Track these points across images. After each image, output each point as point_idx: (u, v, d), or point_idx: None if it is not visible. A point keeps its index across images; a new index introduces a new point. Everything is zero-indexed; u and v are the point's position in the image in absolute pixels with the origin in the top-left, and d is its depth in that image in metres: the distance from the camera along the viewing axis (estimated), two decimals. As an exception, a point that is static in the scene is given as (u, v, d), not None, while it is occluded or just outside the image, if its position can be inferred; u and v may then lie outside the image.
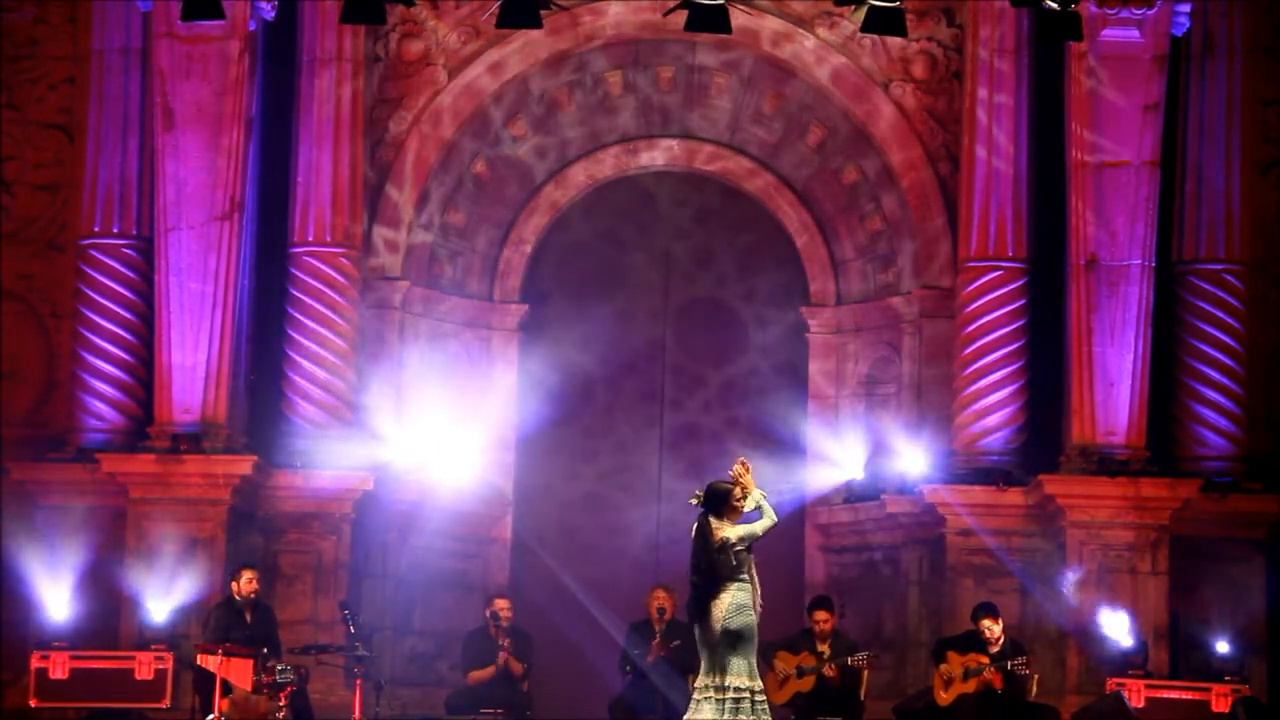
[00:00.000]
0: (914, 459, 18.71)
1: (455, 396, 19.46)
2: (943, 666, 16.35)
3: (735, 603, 12.91)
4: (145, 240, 18.50)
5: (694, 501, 13.10)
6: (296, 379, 18.59)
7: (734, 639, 12.90)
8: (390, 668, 18.18)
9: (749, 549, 12.98)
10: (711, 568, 12.89)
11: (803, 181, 19.96)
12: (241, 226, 18.20)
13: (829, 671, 16.45)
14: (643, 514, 19.75)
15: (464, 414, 19.35)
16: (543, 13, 16.26)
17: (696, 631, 13.02)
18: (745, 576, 12.97)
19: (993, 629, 16.20)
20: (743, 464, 13.12)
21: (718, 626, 12.88)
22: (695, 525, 13.05)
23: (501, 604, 17.38)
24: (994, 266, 18.51)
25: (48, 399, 18.83)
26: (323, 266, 18.63)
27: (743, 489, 13.00)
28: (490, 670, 17.10)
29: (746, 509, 13.02)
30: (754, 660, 13.05)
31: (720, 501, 12.99)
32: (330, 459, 18.34)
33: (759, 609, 13.08)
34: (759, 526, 12.98)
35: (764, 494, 13.08)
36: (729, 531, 12.93)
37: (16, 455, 18.36)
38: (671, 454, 19.83)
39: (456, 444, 19.06)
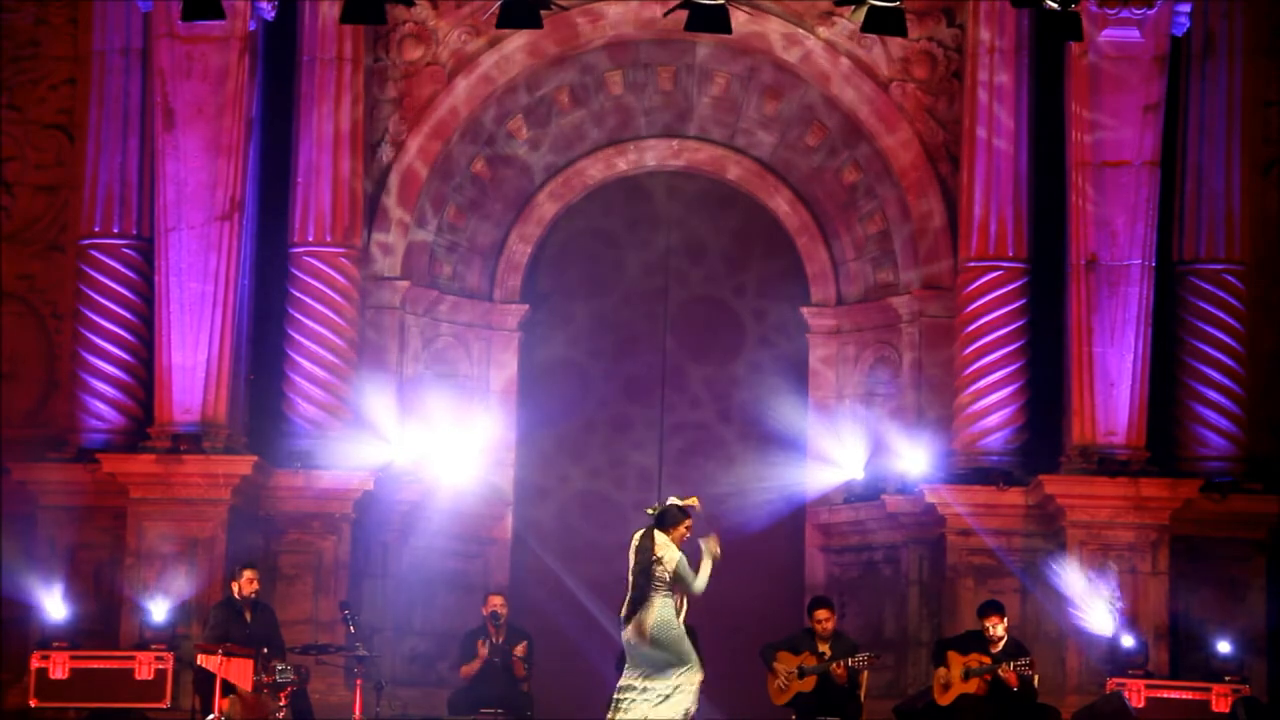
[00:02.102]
0: (914, 459, 18.72)
1: (455, 396, 19.48)
2: (944, 666, 16.34)
3: (664, 615, 13.51)
4: (145, 240, 18.51)
5: (650, 512, 13.71)
6: (296, 379, 18.60)
7: (659, 646, 13.52)
8: (390, 668, 18.16)
9: (673, 582, 13.54)
10: (646, 576, 13.50)
11: (803, 181, 19.96)
12: (241, 227, 18.20)
13: (838, 670, 16.40)
14: (642, 513, 19.67)
15: (464, 414, 19.36)
16: (543, 13, 16.27)
17: (630, 633, 13.58)
18: (670, 593, 13.57)
19: (997, 628, 16.17)
20: (696, 502, 13.74)
21: (646, 634, 13.50)
22: (641, 533, 13.60)
23: (496, 600, 17.37)
24: (994, 266, 18.51)
25: (48, 399, 18.84)
26: (323, 266, 18.64)
27: (688, 528, 13.60)
28: (475, 664, 17.08)
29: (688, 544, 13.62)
30: (675, 658, 13.56)
31: (672, 523, 13.61)
32: (330, 459, 18.36)
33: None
34: (690, 579, 13.53)
35: (715, 558, 13.59)
36: (669, 556, 13.51)
37: (17, 456, 18.36)
38: (671, 454, 19.83)
39: (456, 444, 19.07)
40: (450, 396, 19.44)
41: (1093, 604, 17.60)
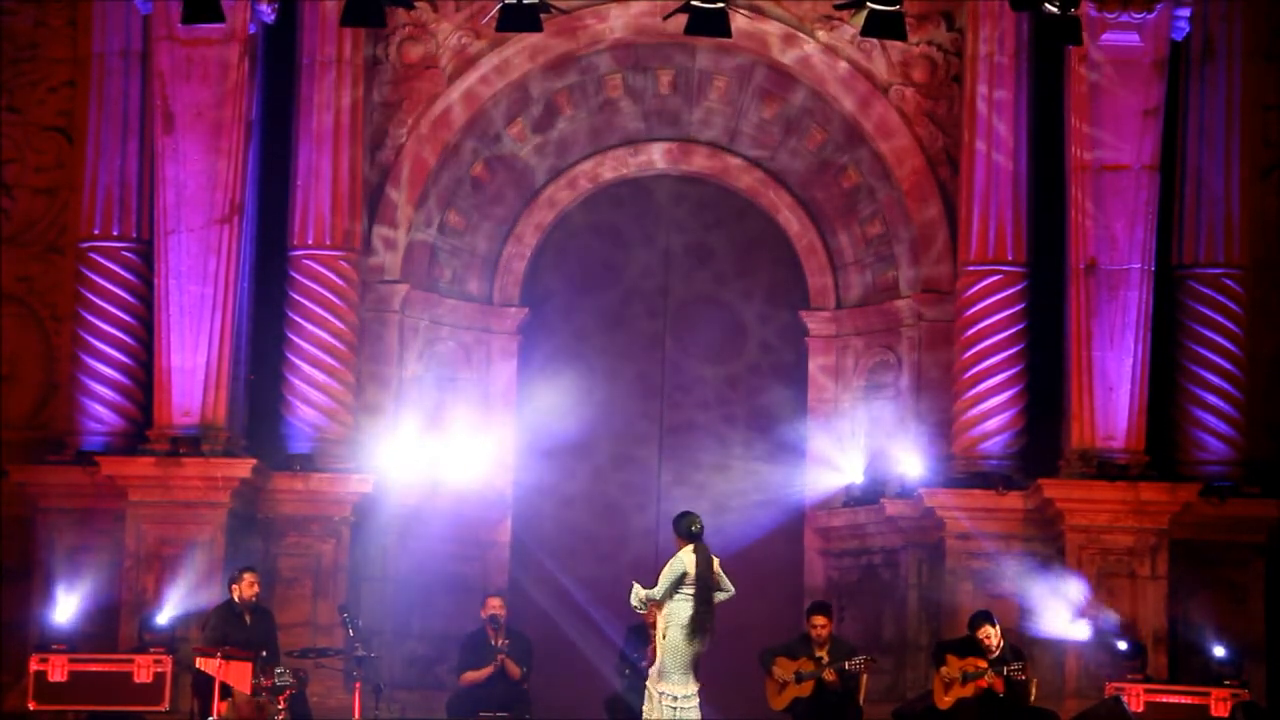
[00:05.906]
0: (913, 462, 18.73)
1: (454, 399, 19.48)
2: (943, 670, 16.32)
3: None
4: (145, 243, 18.52)
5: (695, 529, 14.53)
6: (296, 382, 18.60)
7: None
8: (389, 671, 18.14)
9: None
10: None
11: (802, 184, 19.96)
12: (241, 229, 18.21)
13: (828, 676, 16.41)
14: (643, 515, 19.74)
15: (463, 417, 19.36)
16: (542, 17, 16.27)
17: (702, 644, 14.36)
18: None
19: (991, 636, 16.15)
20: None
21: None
22: (698, 549, 14.32)
23: (495, 603, 17.37)
24: (994, 270, 18.51)
25: (47, 402, 18.84)
26: (322, 269, 18.64)
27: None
28: (485, 672, 17.09)
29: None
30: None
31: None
32: (329, 462, 18.37)
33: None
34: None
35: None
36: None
37: (16, 458, 18.38)
38: (671, 457, 19.84)
39: (456, 447, 19.08)
40: (450, 399, 19.45)
41: (1086, 608, 17.61)
